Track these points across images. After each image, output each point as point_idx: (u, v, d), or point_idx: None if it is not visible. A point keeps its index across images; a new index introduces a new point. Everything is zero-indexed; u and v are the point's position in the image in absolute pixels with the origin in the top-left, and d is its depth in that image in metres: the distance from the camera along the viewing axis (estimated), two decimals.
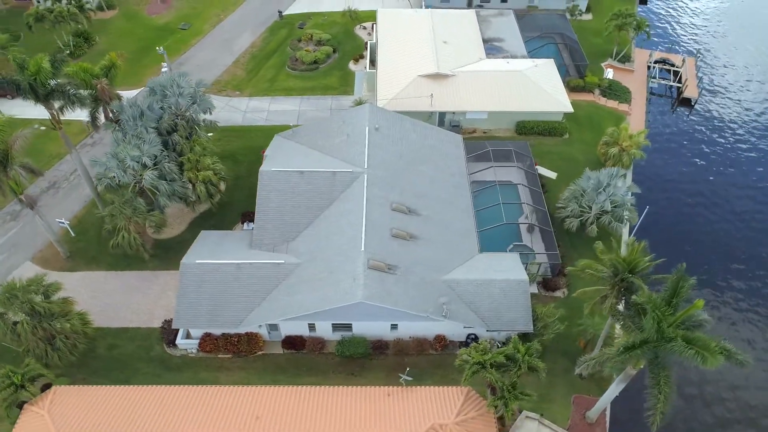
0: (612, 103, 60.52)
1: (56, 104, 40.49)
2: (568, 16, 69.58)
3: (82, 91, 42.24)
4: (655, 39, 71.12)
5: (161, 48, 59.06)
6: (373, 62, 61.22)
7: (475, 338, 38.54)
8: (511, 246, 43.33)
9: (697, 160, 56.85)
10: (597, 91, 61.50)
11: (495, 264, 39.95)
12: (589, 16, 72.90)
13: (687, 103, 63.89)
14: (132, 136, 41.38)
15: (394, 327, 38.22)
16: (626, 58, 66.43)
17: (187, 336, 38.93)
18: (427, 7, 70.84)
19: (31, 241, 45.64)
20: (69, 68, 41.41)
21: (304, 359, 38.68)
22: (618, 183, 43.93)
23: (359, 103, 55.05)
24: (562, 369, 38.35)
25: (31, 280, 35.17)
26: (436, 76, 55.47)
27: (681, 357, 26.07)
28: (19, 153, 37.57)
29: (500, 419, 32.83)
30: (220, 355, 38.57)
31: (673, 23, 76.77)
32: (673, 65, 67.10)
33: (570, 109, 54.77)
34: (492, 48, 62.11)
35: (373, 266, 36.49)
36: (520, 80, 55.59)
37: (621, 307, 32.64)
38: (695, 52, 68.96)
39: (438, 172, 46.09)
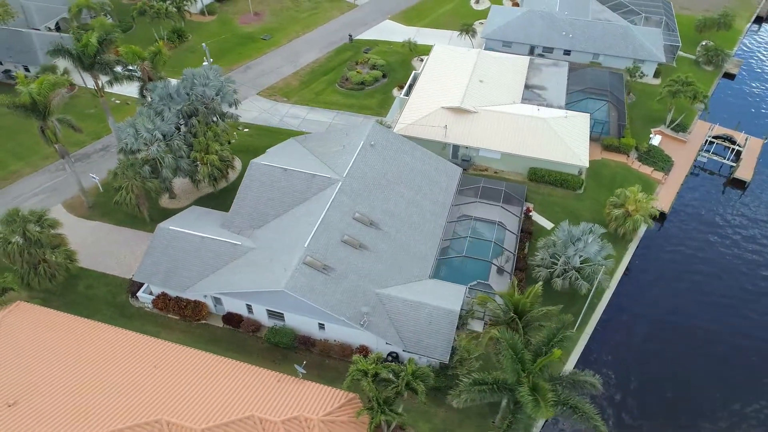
0: (646, 169, 57.50)
1: (102, 76, 47.73)
2: (627, 76, 67.28)
3: (130, 67, 49.46)
4: (724, 115, 66.14)
5: (205, 44, 66.04)
6: (410, 90, 63.80)
7: (396, 357, 38.75)
8: (475, 282, 42.92)
9: (723, 249, 51.69)
10: (633, 154, 58.81)
11: (436, 291, 40.06)
12: (656, 81, 69.82)
13: (738, 184, 58.80)
14: (154, 112, 47.49)
15: (321, 327, 39.65)
16: (682, 128, 62.75)
17: (151, 293, 43.30)
18: (487, 49, 72.35)
19: (67, 189, 53.29)
20: (121, 48, 48.78)
21: (238, 337, 41.29)
22: (589, 239, 42.03)
23: (380, 123, 57.72)
24: (476, 411, 37.22)
25: (32, 211, 41.62)
26: (458, 110, 56.68)
27: (521, 401, 25.09)
28: (57, 108, 44.90)
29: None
30: (169, 315, 42.40)
31: (754, 102, 71.03)
32: (734, 142, 62.09)
33: (585, 164, 53.14)
34: (531, 94, 62.07)
35: (309, 262, 38.46)
36: (540, 127, 55.06)
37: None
38: (765, 138, 63.14)
39: (419, 196, 47.13)
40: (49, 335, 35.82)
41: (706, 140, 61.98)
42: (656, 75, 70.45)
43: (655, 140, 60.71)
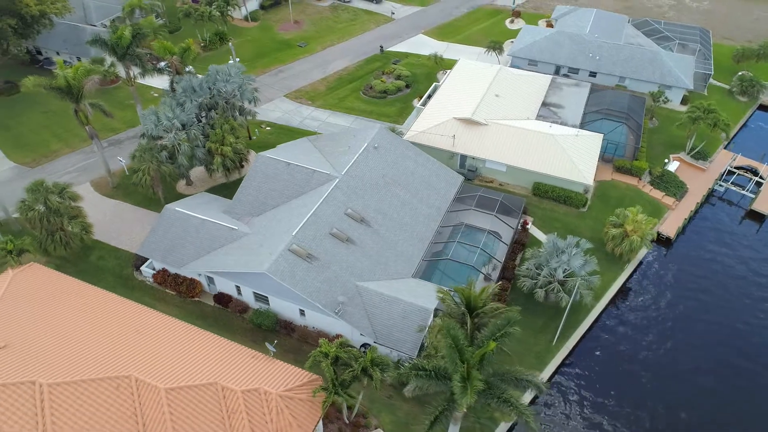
0: (657, 194, 56.70)
1: (133, 66, 51.87)
2: (650, 100, 66.53)
3: (162, 62, 53.47)
4: (753, 146, 64.23)
5: (231, 43, 69.67)
6: (428, 100, 65.40)
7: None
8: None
9: (725, 281, 50.03)
10: (646, 178, 58.11)
11: (415, 289, 41.15)
12: (684, 107, 68.51)
13: (756, 217, 56.94)
14: (176, 102, 51.11)
15: (302, 314, 41.42)
16: (702, 156, 61.47)
17: (153, 269, 46.34)
18: (513, 67, 73.24)
19: (96, 170, 57.63)
20: (155, 43, 52.87)
21: (226, 316, 43.62)
22: (573, 252, 42.11)
23: (392, 129, 59.61)
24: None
25: (56, 183, 45.66)
26: (468, 122, 57.82)
27: (453, 387, 25.90)
28: (89, 93, 49.16)
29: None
30: (167, 290, 45.28)
31: None
32: (756, 174, 60.24)
33: (589, 182, 53.10)
34: (547, 111, 62.50)
35: (293, 250, 40.44)
36: (547, 143, 55.43)
37: None
38: None
39: (415, 199, 48.48)
40: (52, 294, 39.05)
41: (726, 169, 60.46)
42: (684, 102, 69.23)
43: (672, 166, 59.73)
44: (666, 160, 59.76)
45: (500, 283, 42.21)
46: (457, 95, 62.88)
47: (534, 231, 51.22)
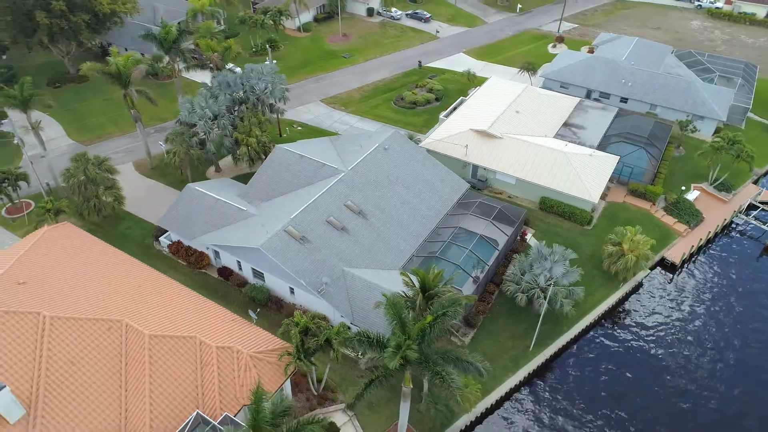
0: (669, 220, 56.17)
1: (178, 60, 57.60)
2: (678, 129, 65.81)
3: (204, 57, 59.08)
4: None
5: (269, 45, 74.68)
6: (452, 112, 67.77)
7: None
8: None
9: (722, 317, 48.74)
10: (660, 203, 57.67)
11: (398, 279, 43.03)
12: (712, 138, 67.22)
13: None
14: (211, 94, 56.24)
15: (292, 292, 44.47)
16: (726, 187, 60.22)
17: (170, 241, 50.95)
18: (544, 88, 74.47)
19: (139, 152, 63.65)
20: (200, 40, 58.57)
21: (226, 288, 47.34)
22: (555, 258, 42.93)
23: (410, 137, 62.35)
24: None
25: (96, 157, 51.44)
26: (483, 134, 59.70)
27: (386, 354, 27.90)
28: (135, 80, 55.12)
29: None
30: (179, 261, 49.68)
31: None
32: None
33: (594, 200, 53.51)
34: (567, 131, 63.42)
35: (288, 231, 43.71)
36: (558, 159, 56.35)
37: None
38: None
39: (415, 199, 50.79)
40: (77, 249, 44.13)
41: (749, 203, 58.89)
42: (717, 133, 67.85)
43: (692, 195, 58.90)
44: (683, 188, 59.01)
45: (470, 295, 42.69)
46: (479, 109, 64.93)
47: (533, 242, 52.08)
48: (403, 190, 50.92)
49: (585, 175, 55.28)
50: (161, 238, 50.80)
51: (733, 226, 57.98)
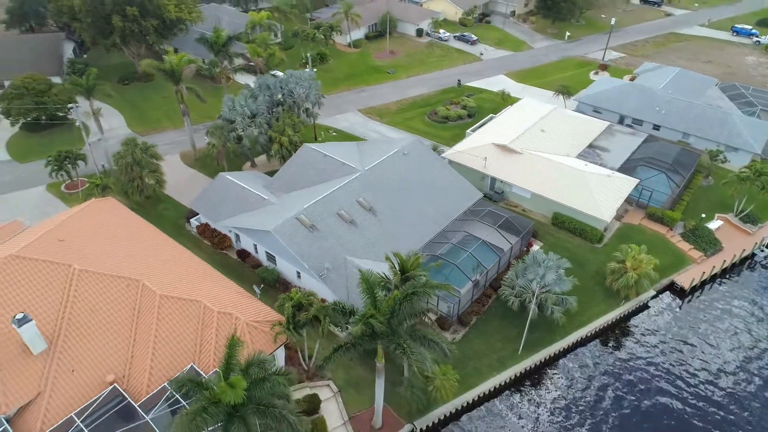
0: (684, 246, 55.85)
1: (225, 62, 63.36)
2: (708, 158, 65.14)
3: (251, 63, 64.60)
4: None
5: (308, 55, 79.56)
6: (479, 127, 70.08)
7: None
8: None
9: (725, 351, 48.10)
10: (678, 229, 57.40)
11: None
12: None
13: None
14: (251, 94, 61.42)
15: (299, 276, 47.84)
16: (753, 220, 59.11)
17: (199, 222, 55.78)
18: (578, 111, 75.52)
19: (186, 144, 69.67)
20: (248, 46, 64.22)
21: (241, 268, 51.31)
22: (549, 264, 44.14)
23: (434, 148, 65.15)
24: (390, 379, 41.59)
25: (144, 142, 57.35)
26: (504, 148, 61.63)
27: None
28: (186, 78, 61.10)
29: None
30: (204, 241, 54.30)
31: None
32: None
33: (605, 219, 54.16)
34: (591, 152, 64.29)
35: (300, 219, 47.32)
36: (574, 177, 57.41)
37: None
38: None
39: (426, 203, 53.31)
40: (116, 220, 49.43)
41: None
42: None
43: (714, 224, 58.24)
44: (703, 215, 58.44)
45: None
46: (505, 126, 66.94)
47: (534, 250, 53.15)
48: (415, 193, 53.60)
49: (600, 194, 56.04)
50: (192, 220, 55.70)
51: (754, 258, 56.73)
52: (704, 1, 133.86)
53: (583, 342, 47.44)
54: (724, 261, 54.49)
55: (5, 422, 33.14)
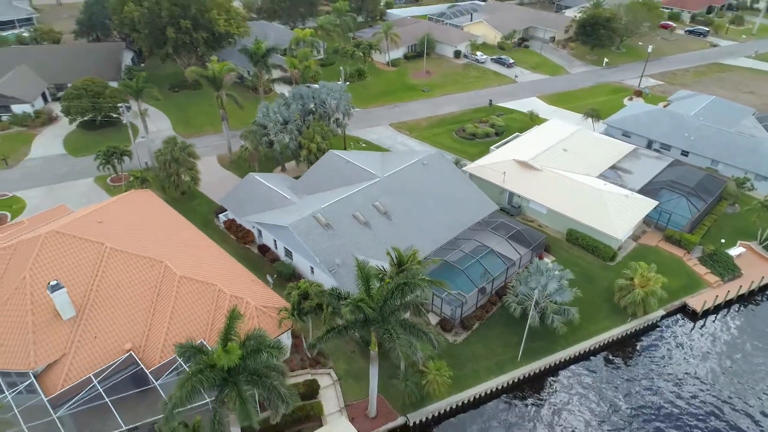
0: (700, 269, 55.46)
1: (264, 73, 67.70)
2: (734, 186, 64.35)
3: (287, 73, 68.84)
4: None
5: (342, 68, 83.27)
6: (503, 145, 71.63)
7: None
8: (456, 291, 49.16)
9: (733, 378, 47.36)
10: (696, 253, 57.01)
11: None
12: None
13: None
14: (284, 102, 65.33)
15: (312, 271, 50.41)
16: None
17: (227, 218, 59.44)
18: (607, 134, 76.05)
19: (224, 147, 74.15)
20: (286, 58, 68.46)
21: (261, 261, 54.33)
22: (551, 274, 45.01)
23: (456, 162, 67.12)
24: (388, 373, 43.19)
25: (183, 142, 61.86)
26: (524, 164, 62.98)
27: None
28: (226, 85, 65.65)
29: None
30: (230, 235, 57.81)
31: None
32: None
33: (618, 237, 54.55)
34: (612, 173, 64.77)
35: (316, 217, 50.09)
36: (591, 196, 58.09)
37: None
38: None
39: (441, 211, 55.18)
40: (151, 209, 53.65)
41: None
42: None
43: (735, 250, 57.58)
44: (722, 240, 57.81)
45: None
46: (528, 144, 68.32)
47: (543, 262, 53.88)
48: (431, 202, 55.61)
49: (615, 213, 56.49)
50: (220, 215, 59.43)
51: None
52: (753, 33, 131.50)
53: (586, 355, 47.76)
54: (740, 286, 53.71)
55: (33, 377, 36.78)
